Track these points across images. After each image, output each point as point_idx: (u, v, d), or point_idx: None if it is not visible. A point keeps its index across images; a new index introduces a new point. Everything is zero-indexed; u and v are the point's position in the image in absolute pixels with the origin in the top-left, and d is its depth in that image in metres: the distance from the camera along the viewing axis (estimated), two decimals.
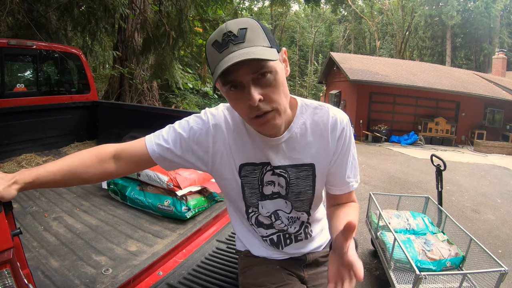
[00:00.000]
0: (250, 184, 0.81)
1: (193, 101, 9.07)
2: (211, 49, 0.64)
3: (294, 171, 0.79)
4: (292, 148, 0.77)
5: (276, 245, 0.91)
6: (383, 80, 10.54)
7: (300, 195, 0.82)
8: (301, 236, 0.91)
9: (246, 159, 0.79)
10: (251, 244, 0.95)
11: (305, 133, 0.77)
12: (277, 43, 0.67)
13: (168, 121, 2.86)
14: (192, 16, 4.82)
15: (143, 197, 1.70)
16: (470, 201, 4.74)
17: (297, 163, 0.79)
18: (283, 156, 0.78)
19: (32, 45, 2.67)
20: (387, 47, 27.41)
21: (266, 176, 0.81)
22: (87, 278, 1.15)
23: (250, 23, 0.64)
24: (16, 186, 0.67)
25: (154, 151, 0.79)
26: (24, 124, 2.65)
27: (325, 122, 0.77)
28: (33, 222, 1.53)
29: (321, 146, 0.78)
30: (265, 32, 0.65)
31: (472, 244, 2.02)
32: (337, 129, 0.77)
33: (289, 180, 0.80)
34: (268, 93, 0.64)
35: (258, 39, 0.63)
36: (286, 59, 0.71)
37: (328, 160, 0.79)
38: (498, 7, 18.74)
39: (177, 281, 1.15)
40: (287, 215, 0.86)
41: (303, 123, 0.77)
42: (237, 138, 0.79)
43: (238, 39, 0.61)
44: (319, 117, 0.77)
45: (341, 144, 0.78)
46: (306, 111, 0.78)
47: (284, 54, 0.70)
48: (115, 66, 6.26)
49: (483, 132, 10.54)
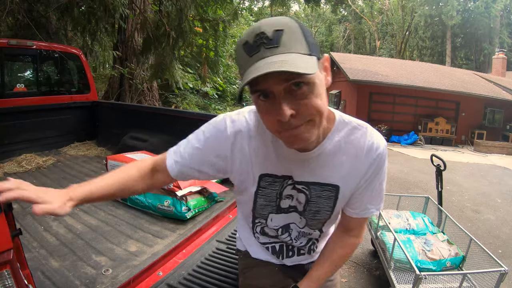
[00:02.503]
0: (266, 196, 0.77)
1: (193, 101, 9.07)
2: (241, 50, 0.57)
3: (317, 189, 0.74)
4: (321, 165, 0.72)
5: (277, 255, 0.90)
6: (383, 80, 10.54)
7: (318, 214, 0.78)
8: (303, 250, 0.89)
9: (267, 169, 0.74)
10: (251, 246, 0.95)
11: (338, 151, 0.71)
12: (318, 48, 0.58)
13: (168, 121, 2.84)
14: (192, 16, 4.81)
15: (143, 197, 1.70)
16: (470, 201, 4.74)
17: (322, 182, 0.73)
18: (308, 172, 0.72)
19: (32, 45, 2.67)
20: (387, 47, 27.41)
21: (286, 190, 0.76)
22: (87, 279, 1.15)
23: (288, 24, 0.55)
24: (71, 203, 0.71)
25: (173, 169, 0.76)
26: (24, 124, 2.64)
27: (361, 144, 0.70)
28: (33, 223, 1.53)
29: (352, 168, 0.72)
30: (305, 35, 0.56)
31: (472, 244, 2.02)
32: (372, 154, 0.70)
33: (310, 197, 0.75)
34: (302, 107, 0.56)
35: (296, 44, 0.54)
36: (328, 67, 0.62)
37: (355, 184, 0.73)
38: (498, 7, 18.73)
39: (177, 282, 1.15)
40: (299, 229, 0.83)
41: (338, 141, 0.70)
42: (260, 147, 0.73)
43: (272, 42, 0.53)
44: (356, 138, 0.71)
45: (372, 170, 0.72)
46: (343, 129, 0.71)
47: (326, 61, 0.61)
48: (115, 66, 6.26)
49: (483, 132, 10.53)
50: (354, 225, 0.82)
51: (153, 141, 2.54)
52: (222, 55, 7.94)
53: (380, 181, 0.74)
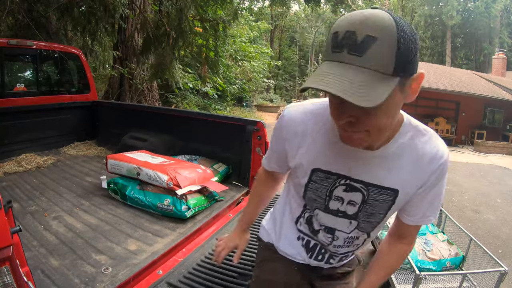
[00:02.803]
0: (316, 191, 0.76)
1: (193, 101, 9.06)
2: (330, 37, 0.54)
3: (375, 192, 0.71)
4: (382, 167, 0.69)
5: (308, 251, 0.87)
6: None
7: (371, 217, 0.75)
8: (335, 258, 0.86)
9: (321, 164, 0.73)
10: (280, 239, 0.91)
11: (401, 155, 0.68)
12: (413, 64, 0.52)
13: (168, 121, 2.83)
14: (192, 16, 4.81)
15: (143, 196, 1.70)
16: (470, 201, 4.74)
17: (382, 185, 0.70)
18: (367, 172, 0.70)
19: (32, 45, 2.67)
20: None
21: (336, 190, 0.74)
22: (87, 277, 1.15)
23: (385, 32, 0.49)
24: (246, 232, 1.08)
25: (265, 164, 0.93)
26: (24, 124, 2.64)
27: (425, 150, 0.68)
28: (33, 222, 1.53)
29: (412, 174, 0.69)
30: (399, 48, 0.50)
31: (472, 244, 2.02)
32: (435, 162, 0.68)
33: (367, 198, 0.72)
34: (363, 118, 0.55)
35: (382, 60, 0.50)
36: (416, 88, 0.57)
37: (413, 190, 0.71)
38: (498, 7, 18.74)
39: (177, 280, 1.15)
40: (346, 235, 0.80)
41: (401, 143, 0.68)
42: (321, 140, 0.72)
43: (357, 49, 0.49)
44: (420, 143, 0.68)
45: (433, 178, 0.70)
46: (408, 132, 0.69)
47: (414, 82, 0.56)
48: (115, 66, 6.26)
49: (483, 132, 10.53)
50: (408, 232, 0.80)
51: (153, 140, 2.54)
52: (222, 55, 7.94)
53: (440, 190, 0.73)
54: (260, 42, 19.05)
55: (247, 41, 13.20)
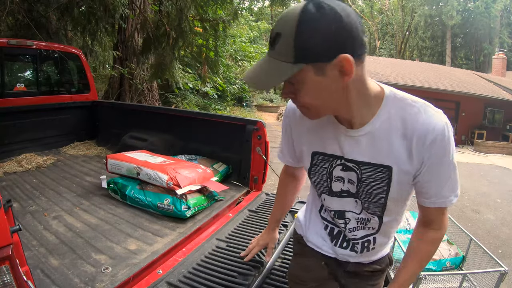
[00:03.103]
0: (319, 174, 0.80)
1: (193, 101, 9.06)
2: None
3: (369, 170, 0.72)
4: (373, 144, 0.70)
5: (331, 238, 0.88)
6: (383, 80, 10.51)
7: (371, 196, 0.74)
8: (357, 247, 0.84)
9: (319, 147, 0.78)
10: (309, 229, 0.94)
11: (389, 130, 0.68)
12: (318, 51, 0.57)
13: (168, 121, 2.84)
14: (192, 16, 4.81)
15: (143, 196, 1.70)
16: (470, 201, 4.74)
17: (374, 162, 0.71)
18: (358, 151, 0.72)
19: (32, 45, 2.67)
20: (387, 47, 27.41)
21: (335, 171, 0.77)
22: (86, 277, 1.15)
23: (286, 28, 0.57)
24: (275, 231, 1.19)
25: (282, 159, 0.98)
26: (24, 124, 2.64)
27: (417, 124, 0.66)
28: (33, 221, 1.53)
29: (404, 149, 0.67)
30: (296, 40, 0.56)
31: (472, 244, 2.02)
32: (429, 136, 0.65)
33: (361, 177, 0.73)
34: (297, 96, 0.65)
35: (284, 51, 0.58)
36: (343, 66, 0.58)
37: (410, 168, 0.69)
38: (498, 7, 18.74)
39: (177, 280, 1.15)
40: (357, 216, 0.80)
41: (387, 118, 0.68)
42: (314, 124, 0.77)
43: (272, 46, 0.60)
44: (410, 116, 0.66)
45: (431, 154, 0.66)
46: (394, 105, 0.68)
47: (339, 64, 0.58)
48: (115, 66, 6.26)
49: (483, 132, 10.54)
50: (432, 216, 0.76)
51: (153, 140, 2.54)
52: (222, 55, 7.94)
53: (448, 165, 0.68)
54: (260, 42, 19.03)
55: (247, 41, 13.21)
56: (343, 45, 0.57)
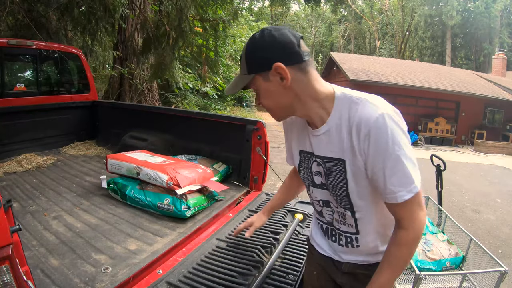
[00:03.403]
0: (304, 169, 0.91)
1: (193, 101, 9.07)
2: None
3: (330, 164, 0.81)
4: (329, 141, 0.79)
5: (325, 233, 0.96)
6: (383, 80, 10.55)
7: (336, 189, 0.82)
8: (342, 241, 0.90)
9: (301, 146, 0.90)
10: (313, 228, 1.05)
11: (340, 127, 0.76)
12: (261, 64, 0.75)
13: (168, 121, 2.84)
14: (192, 16, 4.81)
15: (143, 196, 1.70)
16: (470, 201, 4.74)
17: (333, 157, 0.80)
18: (322, 147, 0.82)
19: (32, 45, 2.67)
20: (387, 47, 27.42)
21: (313, 166, 0.87)
22: (86, 277, 1.15)
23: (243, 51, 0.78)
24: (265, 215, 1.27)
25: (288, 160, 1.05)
26: (24, 124, 2.64)
27: (357, 118, 0.72)
28: (33, 221, 1.53)
29: (350, 143, 0.74)
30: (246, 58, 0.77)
31: (472, 244, 2.01)
32: (364, 128, 0.70)
33: (326, 171, 0.82)
34: (260, 101, 0.82)
35: (243, 67, 0.78)
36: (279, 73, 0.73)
37: (358, 160, 0.74)
38: (498, 7, 18.74)
39: (177, 280, 1.15)
40: (336, 209, 0.88)
41: (339, 117, 0.76)
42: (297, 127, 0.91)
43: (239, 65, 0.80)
44: (353, 111, 0.73)
45: (369, 146, 0.71)
46: (343, 104, 0.76)
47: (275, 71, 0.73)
48: (115, 66, 6.26)
49: (483, 132, 10.54)
50: (396, 214, 0.76)
51: (153, 140, 2.54)
52: (222, 55, 7.94)
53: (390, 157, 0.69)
54: None
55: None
56: (277, 56, 0.72)
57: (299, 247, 1.43)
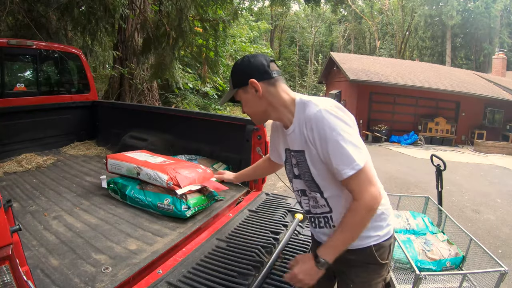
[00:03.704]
0: (288, 164, 1.11)
1: (193, 101, 9.07)
2: None
3: (298, 156, 1.02)
4: (295, 138, 1.01)
5: (311, 223, 1.13)
6: (383, 80, 10.54)
7: (305, 176, 1.02)
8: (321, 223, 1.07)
9: (285, 145, 1.09)
10: None
11: (300, 126, 0.98)
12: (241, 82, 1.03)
13: (168, 121, 2.83)
14: (192, 16, 4.81)
15: (143, 196, 1.70)
16: (470, 201, 4.74)
17: (298, 149, 1.02)
18: (292, 143, 1.04)
19: (32, 45, 2.67)
20: (387, 47, 27.41)
21: (292, 160, 1.06)
22: (86, 277, 1.15)
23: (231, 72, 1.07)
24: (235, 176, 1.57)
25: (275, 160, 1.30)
26: (24, 124, 2.64)
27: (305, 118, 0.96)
28: (33, 221, 1.53)
29: (304, 137, 0.97)
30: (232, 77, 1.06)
31: (472, 244, 2.01)
32: (307, 125, 0.94)
33: (297, 162, 1.04)
34: (243, 109, 1.08)
35: (231, 84, 1.07)
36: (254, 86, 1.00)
37: (311, 149, 0.96)
38: (498, 7, 18.74)
39: (177, 279, 1.15)
40: (310, 195, 1.06)
41: (298, 118, 0.99)
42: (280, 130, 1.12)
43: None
44: (305, 113, 0.96)
45: (315, 137, 0.92)
46: (300, 108, 0.99)
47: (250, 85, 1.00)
48: (115, 66, 6.27)
49: (483, 132, 10.53)
50: (349, 189, 0.93)
51: (153, 140, 2.54)
52: (222, 55, 7.94)
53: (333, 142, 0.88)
54: (260, 42, 19.05)
55: (247, 41, 13.22)
56: (252, 74, 1.00)
57: (299, 247, 1.43)
